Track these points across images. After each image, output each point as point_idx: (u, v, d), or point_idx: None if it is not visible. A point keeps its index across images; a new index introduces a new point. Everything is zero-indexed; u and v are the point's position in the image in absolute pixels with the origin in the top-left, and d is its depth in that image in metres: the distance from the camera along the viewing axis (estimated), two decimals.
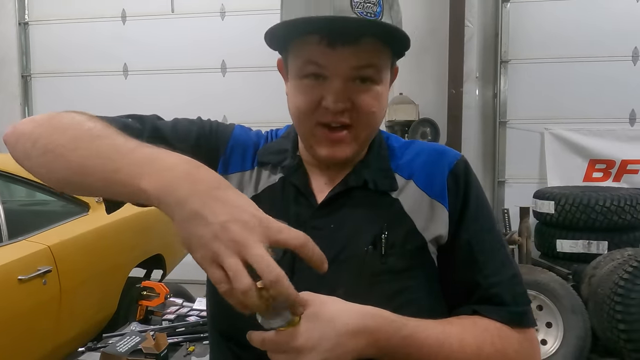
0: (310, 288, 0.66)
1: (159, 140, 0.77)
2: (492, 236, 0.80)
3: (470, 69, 4.83)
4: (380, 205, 0.79)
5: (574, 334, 2.95)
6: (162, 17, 5.41)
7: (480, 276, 0.76)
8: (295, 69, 0.76)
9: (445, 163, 0.81)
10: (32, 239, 2.41)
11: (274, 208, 0.77)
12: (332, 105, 0.73)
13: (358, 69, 0.73)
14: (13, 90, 5.73)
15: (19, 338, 2.23)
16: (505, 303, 0.75)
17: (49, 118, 0.70)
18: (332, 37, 0.70)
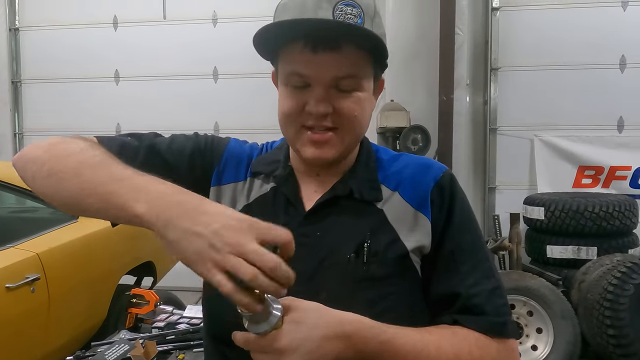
0: (295, 292, 0.69)
1: (155, 156, 0.84)
2: (475, 248, 0.82)
3: (461, 76, 4.87)
4: (365, 214, 0.82)
5: (564, 339, 2.97)
6: (154, 23, 5.41)
7: (462, 286, 0.78)
8: (283, 77, 0.80)
9: (431, 176, 0.84)
10: (20, 247, 2.39)
11: (265, 216, 0.78)
12: (315, 109, 0.76)
13: (338, 80, 0.76)
14: (3, 96, 5.68)
15: (6, 346, 2.20)
16: (486, 313, 0.76)
17: (54, 144, 0.75)
18: (314, 42, 0.73)
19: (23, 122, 5.80)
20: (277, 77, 0.83)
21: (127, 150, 0.81)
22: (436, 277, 0.80)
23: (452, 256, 0.80)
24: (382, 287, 0.77)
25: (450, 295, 0.78)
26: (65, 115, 5.62)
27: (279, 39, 0.77)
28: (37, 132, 5.76)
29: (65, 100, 5.61)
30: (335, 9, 0.73)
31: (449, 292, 0.78)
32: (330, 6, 0.73)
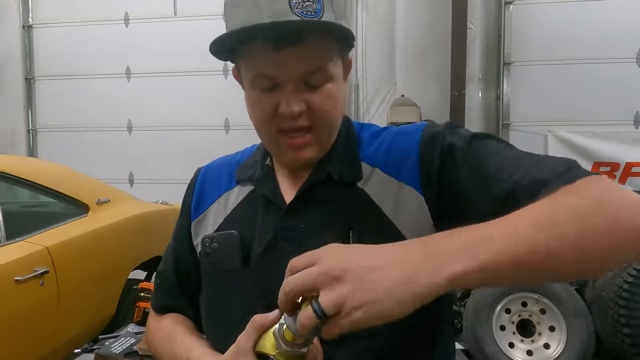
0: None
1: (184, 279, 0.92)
2: (491, 147, 0.73)
3: (473, 71, 4.82)
4: (347, 197, 0.78)
5: (578, 337, 2.90)
6: (165, 19, 5.43)
7: (501, 183, 0.67)
8: (248, 80, 0.76)
9: (413, 141, 0.78)
10: (30, 240, 2.40)
11: (244, 220, 0.82)
12: (287, 110, 0.73)
13: (307, 75, 0.73)
14: (16, 92, 5.75)
15: (16, 339, 2.21)
16: (547, 179, 0.63)
17: (151, 340, 0.94)
18: (275, 40, 0.70)
19: (36, 118, 5.86)
20: (241, 76, 0.79)
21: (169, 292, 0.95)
22: (469, 202, 0.69)
23: (472, 172, 0.70)
24: None
25: (496, 198, 0.66)
26: (77, 112, 5.67)
27: (235, 41, 0.73)
28: (50, 128, 5.83)
29: (77, 96, 5.66)
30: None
31: (492, 198, 0.67)
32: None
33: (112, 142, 5.60)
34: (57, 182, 2.75)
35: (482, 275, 0.52)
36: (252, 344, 0.65)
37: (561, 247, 0.53)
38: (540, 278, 0.59)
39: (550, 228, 0.54)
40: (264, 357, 0.65)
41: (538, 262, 0.53)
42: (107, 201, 2.98)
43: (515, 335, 3.05)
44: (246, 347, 0.65)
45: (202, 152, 4.20)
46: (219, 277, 0.82)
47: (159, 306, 0.95)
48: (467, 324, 3.05)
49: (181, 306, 0.92)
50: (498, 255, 0.52)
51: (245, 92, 0.79)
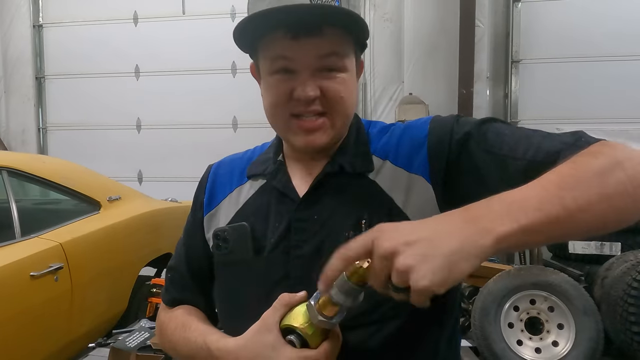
0: (302, 275, 0.77)
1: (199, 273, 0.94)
2: (499, 129, 0.76)
3: (481, 68, 4.82)
4: (359, 188, 0.81)
5: (586, 335, 2.90)
6: (173, 18, 5.47)
7: (518, 161, 0.70)
8: (266, 67, 0.79)
9: (422, 134, 0.81)
10: (44, 236, 2.44)
11: (257, 213, 0.85)
12: (303, 94, 0.75)
13: (322, 58, 0.76)
14: (27, 91, 5.82)
15: (31, 333, 2.25)
16: (559, 150, 0.68)
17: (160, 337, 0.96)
18: (294, 29, 0.73)
19: (46, 116, 5.93)
20: (259, 70, 0.82)
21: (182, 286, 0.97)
22: (485, 183, 0.72)
23: (488, 155, 0.73)
24: None
25: (516, 177, 0.68)
26: (87, 110, 5.72)
27: (257, 30, 0.76)
28: (60, 126, 5.89)
29: (87, 95, 5.71)
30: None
31: (512, 176, 0.69)
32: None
33: (121, 140, 5.65)
34: (70, 180, 2.79)
35: (522, 236, 0.57)
36: (278, 319, 0.70)
37: (587, 202, 0.58)
38: (571, 234, 0.62)
39: (574, 187, 0.59)
40: (288, 332, 0.69)
41: (569, 218, 0.58)
42: (118, 198, 3.02)
43: (524, 332, 3.05)
44: (271, 323, 0.70)
45: (210, 150, 4.22)
46: (232, 267, 0.85)
47: (170, 299, 0.97)
48: (475, 322, 3.05)
49: (193, 298, 0.94)
50: (534, 215, 0.57)
51: (262, 81, 0.82)
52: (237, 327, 0.77)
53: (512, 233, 0.56)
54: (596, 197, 0.59)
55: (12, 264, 2.17)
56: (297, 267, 0.79)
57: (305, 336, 0.68)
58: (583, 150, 0.66)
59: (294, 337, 0.69)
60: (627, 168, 0.61)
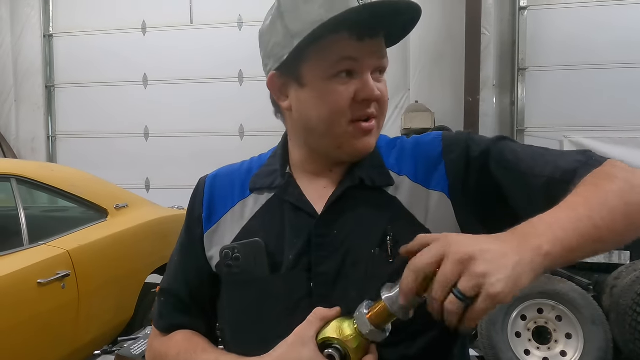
0: (326, 292, 0.75)
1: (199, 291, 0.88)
2: (513, 147, 0.79)
3: (487, 76, 4.82)
4: (380, 203, 0.80)
5: (595, 345, 2.87)
6: (182, 28, 5.53)
7: (537, 179, 0.74)
8: (322, 71, 0.76)
9: (436, 151, 0.82)
10: (51, 244, 2.46)
11: (267, 226, 0.81)
12: (373, 93, 0.75)
13: (380, 59, 0.77)
14: (37, 100, 5.89)
15: (38, 340, 2.27)
16: (575, 169, 0.72)
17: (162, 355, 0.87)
18: (360, 30, 0.73)
19: (56, 125, 5.99)
20: (300, 78, 0.78)
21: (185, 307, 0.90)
22: (510, 197, 0.75)
23: (508, 173, 0.76)
24: None
25: (537, 193, 0.73)
26: (95, 118, 5.79)
27: (318, 29, 0.72)
28: (69, 134, 5.95)
29: (95, 103, 5.77)
30: None
31: (533, 192, 0.73)
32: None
33: (129, 148, 5.70)
34: (77, 187, 2.81)
35: (564, 253, 0.61)
36: (314, 333, 0.68)
37: (613, 220, 0.65)
38: (601, 250, 0.68)
39: (601, 208, 0.65)
40: (324, 347, 0.67)
41: (599, 235, 0.64)
42: (125, 206, 3.04)
43: (531, 342, 3.02)
44: (307, 336, 0.68)
45: (217, 158, 4.23)
46: (246, 286, 0.80)
47: (166, 325, 0.89)
48: (482, 331, 3.03)
49: (193, 322, 0.88)
50: (573, 234, 0.62)
51: (311, 88, 0.77)
52: (251, 350, 0.74)
53: (556, 251, 0.61)
54: (620, 217, 0.65)
55: (19, 271, 2.19)
56: (320, 284, 0.76)
57: (348, 349, 0.67)
58: (596, 169, 0.71)
59: (333, 351, 0.67)
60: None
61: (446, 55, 4.89)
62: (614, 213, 0.65)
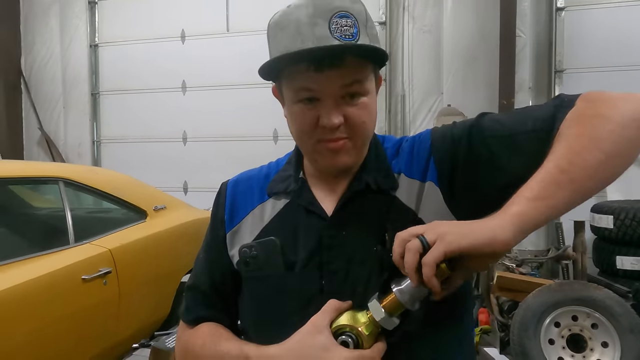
0: (336, 289, 0.82)
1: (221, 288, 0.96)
2: (494, 117, 0.84)
3: (523, 79, 4.73)
4: (382, 204, 0.86)
5: (633, 354, 2.78)
6: (218, 35, 5.71)
7: (524, 135, 0.78)
8: (290, 96, 0.83)
9: (426, 145, 0.88)
10: (95, 243, 2.61)
11: (284, 229, 0.88)
12: (328, 122, 0.79)
13: (345, 87, 0.79)
14: (83, 107, 6.21)
15: (83, 333, 2.41)
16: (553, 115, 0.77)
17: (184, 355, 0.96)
18: (318, 63, 0.77)
19: (100, 130, 6.29)
20: (282, 94, 0.86)
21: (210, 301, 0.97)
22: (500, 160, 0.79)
23: (494, 139, 0.80)
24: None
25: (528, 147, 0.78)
26: (137, 124, 6.04)
27: (280, 63, 0.80)
28: (112, 139, 6.23)
29: (137, 109, 6.03)
30: (330, 24, 0.76)
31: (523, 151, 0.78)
32: (325, 21, 0.76)
33: (168, 152, 5.92)
34: (119, 190, 2.97)
35: (534, 205, 0.68)
36: (328, 322, 0.75)
37: (581, 158, 0.70)
38: (580, 189, 0.71)
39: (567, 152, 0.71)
40: (338, 334, 0.74)
41: (570, 178, 0.69)
42: (163, 208, 3.18)
43: (565, 350, 2.95)
44: (322, 325, 0.75)
45: (252, 161, 4.31)
46: (264, 282, 0.87)
47: (192, 318, 0.96)
48: (514, 337, 2.99)
49: (218, 315, 0.95)
50: (537, 188, 0.69)
51: (287, 107, 0.85)
52: (267, 340, 0.81)
53: (523, 207, 0.68)
54: (587, 153, 0.70)
55: (66, 267, 2.34)
56: (330, 282, 0.82)
57: (361, 337, 0.73)
58: (570, 110, 0.76)
59: (347, 338, 0.73)
60: (611, 115, 0.72)
61: (480, 57, 4.85)
62: (581, 151, 0.70)
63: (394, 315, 0.73)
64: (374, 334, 0.74)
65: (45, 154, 6.31)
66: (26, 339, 2.09)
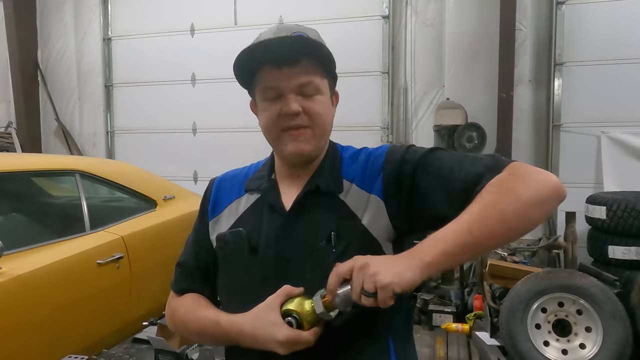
0: (288, 274, 0.98)
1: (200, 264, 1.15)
2: (441, 156, 0.98)
3: (523, 72, 4.82)
4: (331, 206, 1.01)
5: (614, 339, 2.92)
6: (227, 29, 5.85)
7: (455, 182, 0.92)
8: (260, 96, 1.03)
9: (379, 162, 1.02)
10: (108, 230, 2.82)
11: (252, 222, 1.06)
12: (288, 109, 0.98)
13: (302, 86, 0.99)
14: (98, 99, 6.42)
15: (98, 313, 2.63)
16: (480, 173, 0.90)
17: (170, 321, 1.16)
18: (277, 61, 0.97)
19: (114, 121, 6.51)
20: (256, 102, 1.05)
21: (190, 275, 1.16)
22: (432, 197, 0.94)
23: (432, 177, 0.95)
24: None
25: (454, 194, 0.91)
26: (148, 115, 6.24)
27: (250, 66, 0.99)
28: (125, 130, 6.45)
29: (148, 101, 6.22)
30: (290, 35, 0.98)
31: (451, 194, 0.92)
32: (287, 33, 0.99)
33: (179, 143, 6.11)
34: (131, 181, 3.17)
35: (444, 258, 0.82)
36: (279, 303, 0.93)
37: (488, 227, 0.83)
38: (481, 251, 0.86)
39: (479, 217, 0.84)
40: (286, 315, 0.92)
41: (475, 242, 0.83)
42: (172, 198, 3.38)
43: (551, 334, 3.10)
44: (274, 305, 0.92)
45: (259, 152, 4.46)
46: (233, 263, 1.05)
47: (180, 289, 1.15)
48: (502, 322, 3.15)
49: (200, 287, 1.13)
50: (449, 244, 0.83)
51: (258, 107, 1.04)
52: (236, 309, 0.99)
53: (438, 259, 0.82)
54: (495, 223, 0.83)
55: (82, 253, 2.55)
56: (284, 268, 0.99)
57: (304, 321, 0.89)
58: (496, 176, 0.89)
59: (292, 319, 0.90)
60: (521, 195, 0.84)
61: (481, 51, 4.93)
62: (489, 221, 0.82)
63: (330, 311, 0.89)
64: (314, 320, 0.90)
65: (61, 143, 6.57)
66: (48, 317, 2.31)
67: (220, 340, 1.03)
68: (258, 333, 0.92)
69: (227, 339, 1.00)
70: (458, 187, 0.91)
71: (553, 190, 0.86)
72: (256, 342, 0.93)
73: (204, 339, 1.17)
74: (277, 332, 0.89)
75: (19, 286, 2.18)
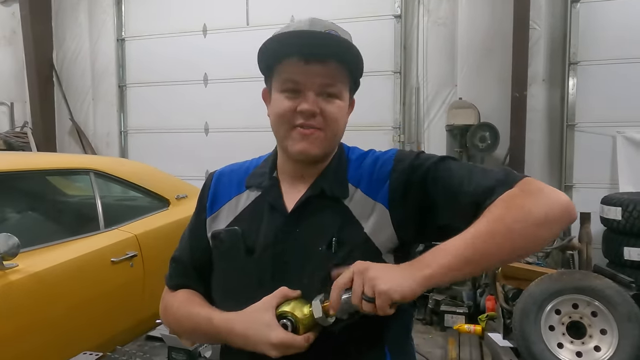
0: (285, 277, 0.94)
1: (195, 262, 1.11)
2: (451, 166, 0.94)
3: (537, 71, 4.78)
4: (334, 211, 0.97)
5: (630, 342, 2.88)
6: (239, 29, 5.88)
7: (463, 195, 0.89)
8: (278, 86, 0.97)
9: (387, 169, 0.98)
10: (122, 228, 2.84)
11: (251, 220, 1.03)
12: (306, 108, 0.93)
13: (325, 86, 0.94)
14: (111, 99, 6.49)
15: (112, 310, 2.65)
16: (492, 187, 0.87)
17: (164, 318, 1.14)
18: (307, 55, 0.92)
19: (127, 121, 6.58)
20: (271, 90, 1.00)
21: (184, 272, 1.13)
22: (439, 208, 0.91)
23: (441, 188, 0.91)
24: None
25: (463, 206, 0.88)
26: (161, 115, 6.29)
27: (277, 53, 0.94)
28: (138, 130, 6.51)
29: (161, 101, 6.28)
30: (324, 31, 0.93)
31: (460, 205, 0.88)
32: (320, 29, 0.94)
33: (191, 142, 6.16)
34: (144, 180, 3.20)
35: (445, 272, 0.80)
36: (275, 304, 0.89)
37: (494, 243, 0.80)
38: (483, 268, 0.83)
39: (484, 233, 0.81)
40: (281, 317, 0.89)
41: (478, 258, 0.81)
42: (184, 197, 3.40)
43: (565, 336, 3.06)
44: (269, 305, 0.89)
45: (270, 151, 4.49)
46: (228, 262, 1.01)
47: (174, 284, 1.12)
48: (515, 323, 3.12)
49: (194, 284, 1.09)
50: (452, 259, 0.80)
51: (272, 97, 0.99)
52: (230, 309, 0.95)
53: (439, 272, 0.80)
54: (502, 239, 0.80)
55: (97, 251, 2.58)
56: (281, 270, 0.95)
57: (300, 324, 0.86)
58: (507, 191, 0.85)
59: (287, 322, 0.86)
60: (531, 213, 0.81)
61: (494, 50, 4.90)
62: (495, 237, 0.80)
63: (329, 317, 0.86)
64: (310, 325, 0.87)
65: (76, 143, 6.65)
66: (64, 313, 2.34)
67: (212, 338, 1.01)
68: (250, 333, 0.89)
69: (218, 338, 0.97)
70: (468, 200, 0.88)
71: (564, 210, 0.83)
72: (247, 342, 0.89)
73: (196, 337, 1.13)
74: (270, 333, 0.86)
75: (35, 283, 2.21)
